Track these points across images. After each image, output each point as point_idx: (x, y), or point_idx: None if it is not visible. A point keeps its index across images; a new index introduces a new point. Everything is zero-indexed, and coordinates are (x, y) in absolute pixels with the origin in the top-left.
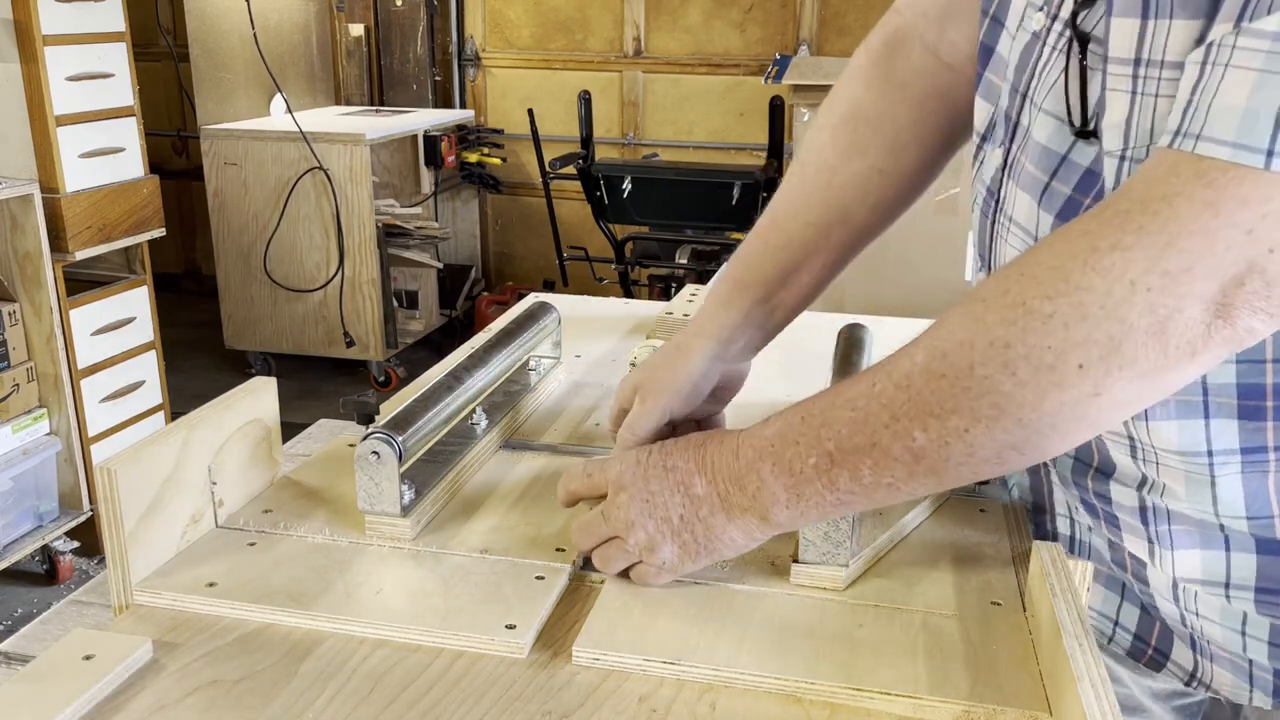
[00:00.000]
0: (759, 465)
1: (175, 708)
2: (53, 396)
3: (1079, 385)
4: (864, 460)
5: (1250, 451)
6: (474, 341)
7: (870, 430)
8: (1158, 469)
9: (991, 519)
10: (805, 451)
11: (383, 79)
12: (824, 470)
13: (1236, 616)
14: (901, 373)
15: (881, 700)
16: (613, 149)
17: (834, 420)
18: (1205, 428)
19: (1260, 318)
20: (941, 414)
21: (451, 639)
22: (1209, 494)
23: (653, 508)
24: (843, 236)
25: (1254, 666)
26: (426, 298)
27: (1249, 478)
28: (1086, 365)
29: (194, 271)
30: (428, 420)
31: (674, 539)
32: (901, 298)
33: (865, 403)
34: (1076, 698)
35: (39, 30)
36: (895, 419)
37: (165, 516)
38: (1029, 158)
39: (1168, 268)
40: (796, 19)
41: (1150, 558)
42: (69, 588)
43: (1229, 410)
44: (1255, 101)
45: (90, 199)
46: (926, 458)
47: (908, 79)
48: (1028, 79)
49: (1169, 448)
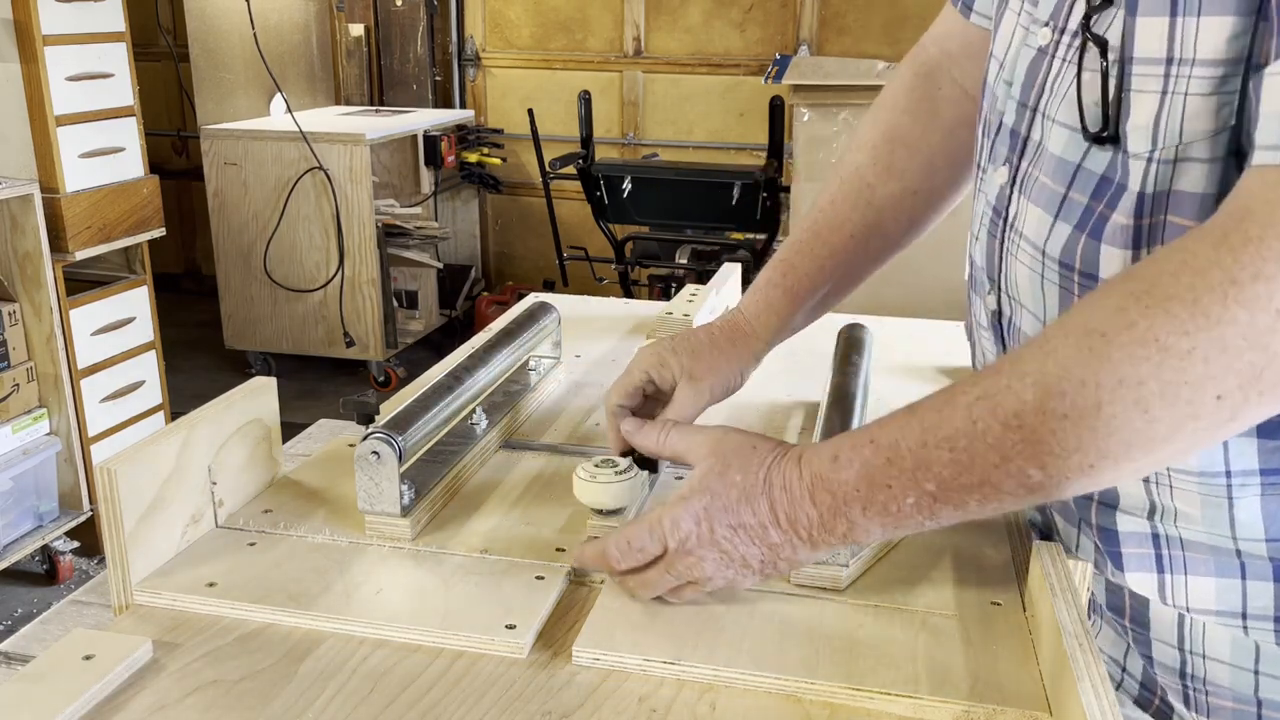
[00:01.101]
0: (846, 511)
1: (175, 708)
2: (53, 396)
3: (1215, 415)
4: (971, 496)
5: (1270, 473)
6: (474, 341)
7: (978, 471)
8: (1172, 493)
9: (991, 519)
10: (900, 494)
11: (383, 79)
12: (925, 507)
13: (1249, 653)
14: (1009, 410)
15: (881, 700)
16: (613, 149)
17: (931, 462)
18: (1224, 448)
19: None
20: (1063, 454)
21: (451, 639)
22: (1226, 517)
23: (729, 560)
24: (878, 248)
25: (1263, 708)
26: (426, 298)
27: (1268, 500)
28: (1224, 395)
29: (194, 271)
30: (428, 420)
31: (755, 575)
32: (901, 298)
33: (968, 443)
34: (1076, 698)
35: (39, 30)
36: (1007, 459)
37: (165, 516)
38: (1043, 171)
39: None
40: (796, 19)
41: (1159, 591)
42: (69, 588)
43: (1249, 430)
44: None
45: (90, 199)
46: (1042, 490)
47: (940, 108)
48: (1037, 94)
49: (1187, 470)
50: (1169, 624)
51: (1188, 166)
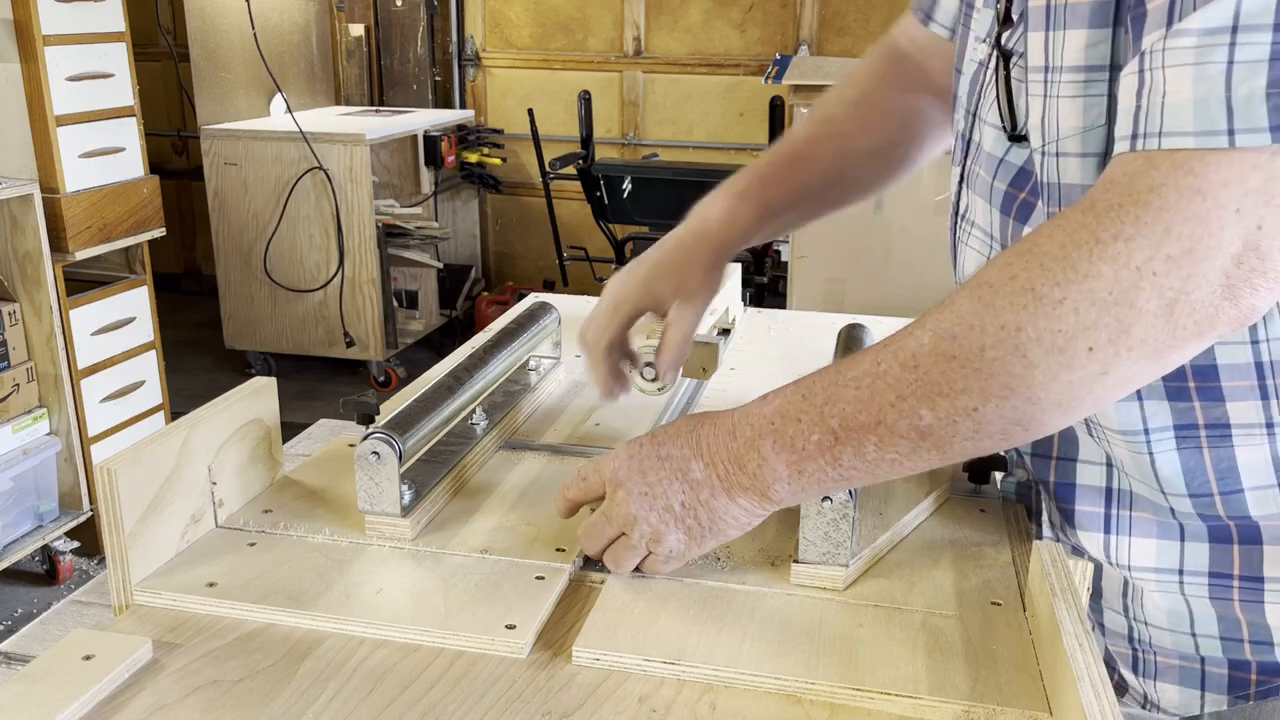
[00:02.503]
0: (759, 443)
1: (175, 708)
2: (53, 396)
3: (1088, 366)
4: (869, 437)
5: (1183, 429)
6: (474, 341)
7: (876, 408)
8: (1110, 447)
9: (991, 519)
10: (808, 429)
11: (383, 79)
12: (827, 447)
13: (1183, 617)
14: (908, 353)
15: (881, 700)
16: (613, 149)
17: (838, 398)
18: (1140, 408)
19: (1261, 294)
20: (951, 394)
21: (451, 639)
22: (1151, 471)
23: (653, 499)
24: (841, 193)
25: (1206, 665)
26: (426, 298)
27: (1185, 454)
28: (1096, 348)
29: (194, 271)
30: (428, 420)
31: (678, 526)
32: (901, 298)
33: (870, 381)
34: (1076, 698)
35: (39, 30)
36: (901, 398)
37: (165, 516)
38: (981, 167)
39: (1170, 252)
40: (796, 19)
41: (1104, 550)
42: (69, 588)
43: (1158, 392)
44: (1200, 91)
45: (90, 199)
46: (933, 435)
47: (907, 86)
48: (976, 101)
49: (1111, 427)
50: (1116, 591)
51: (1067, 161)
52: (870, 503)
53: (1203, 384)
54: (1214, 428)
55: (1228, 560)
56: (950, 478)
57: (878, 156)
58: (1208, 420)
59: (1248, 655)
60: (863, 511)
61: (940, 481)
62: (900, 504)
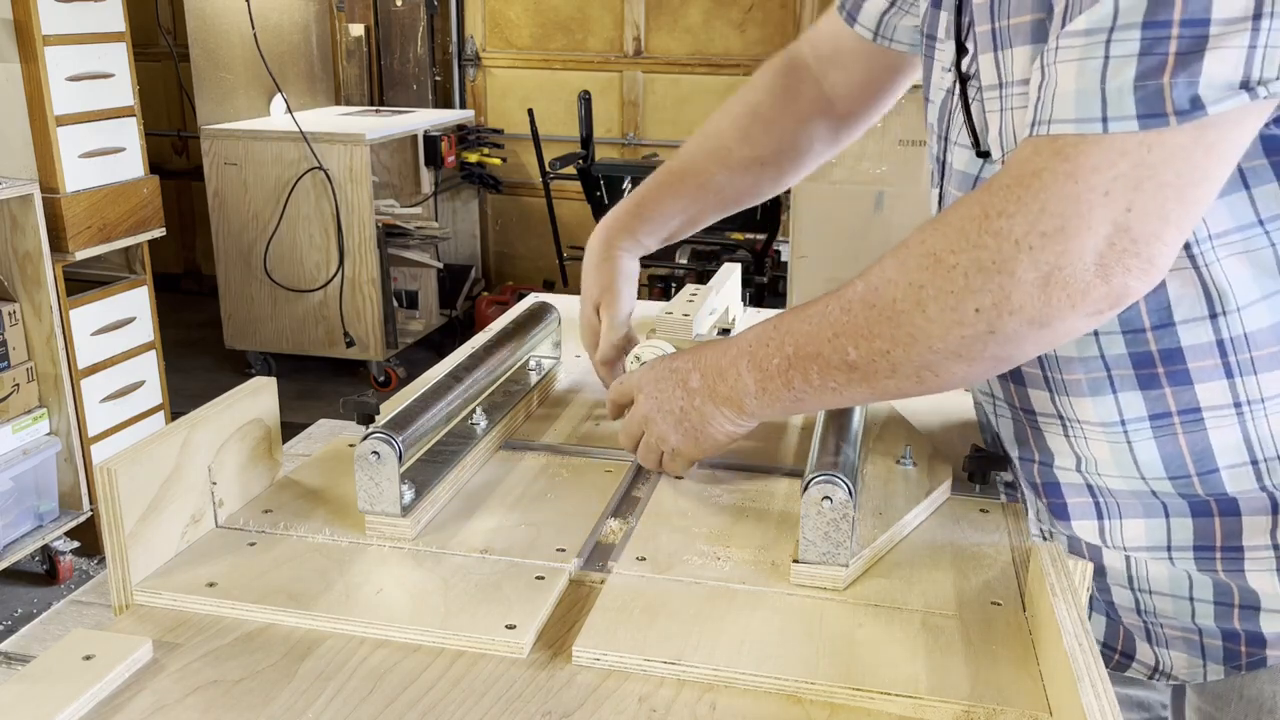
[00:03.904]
0: (739, 361)
1: (175, 708)
2: (53, 396)
3: (976, 324)
4: (812, 366)
5: (1157, 417)
6: (474, 341)
7: (817, 343)
8: (1087, 444)
9: (991, 519)
10: (772, 353)
11: (383, 79)
12: (783, 370)
13: (1183, 582)
14: (845, 299)
15: (881, 700)
16: (613, 149)
17: (794, 330)
18: (1115, 400)
19: (1134, 276)
20: (869, 336)
21: (451, 639)
22: (1130, 460)
23: (660, 404)
24: (722, 200)
25: (1204, 636)
26: (426, 298)
27: (1161, 441)
28: (981, 309)
29: (194, 271)
30: (428, 420)
31: (677, 427)
32: None
33: (818, 320)
34: (1076, 698)
35: (39, 30)
36: (836, 336)
37: (165, 516)
38: (955, 186)
39: (1044, 229)
40: (796, 19)
41: (1100, 535)
42: (69, 588)
43: (1130, 382)
44: (1081, 83)
45: (90, 199)
46: (858, 369)
47: (798, 99)
48: (945, 125)
49: (1090, 420)
50: (1120, 569)
51: None
52: (870, 503)
53: (1170, 368)
54: (1186, 413)
55: (1210, 533)
56: (950, 478)
57: (759, 166)
58: (1180, 406)
59: (1236, 624)
60: (863, 511)
61: (940, 481)
62: (900, 504)
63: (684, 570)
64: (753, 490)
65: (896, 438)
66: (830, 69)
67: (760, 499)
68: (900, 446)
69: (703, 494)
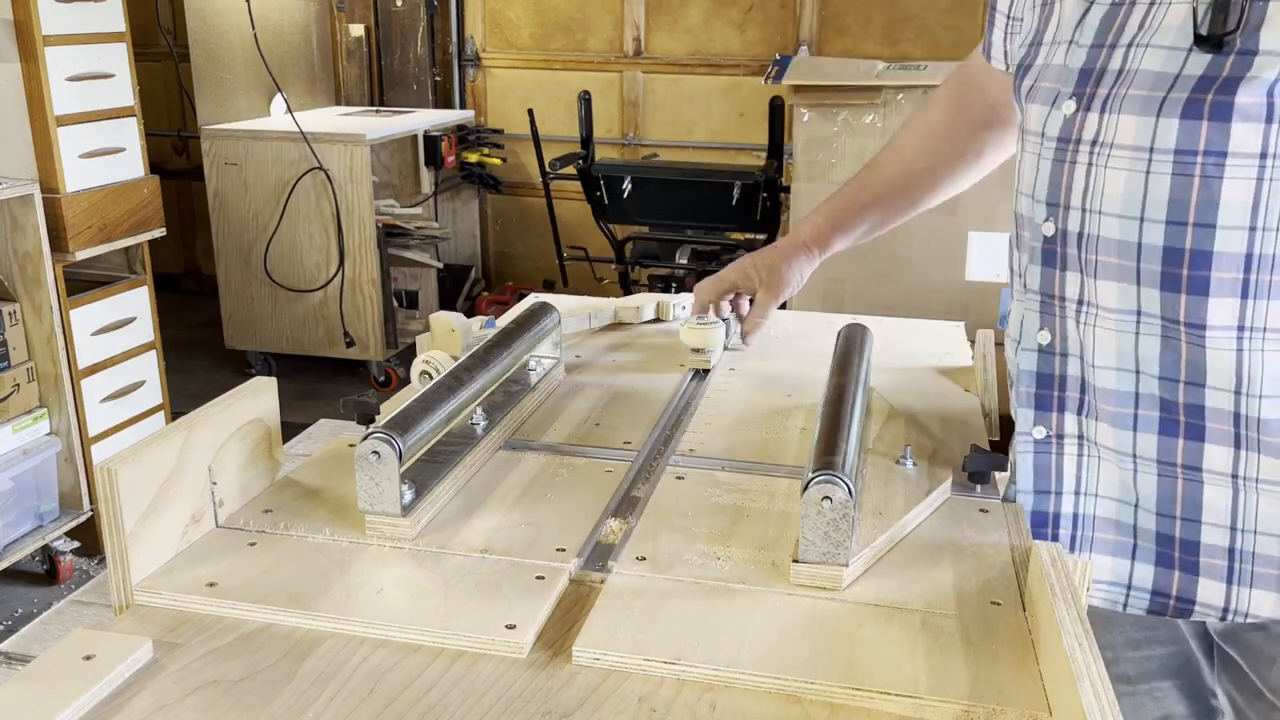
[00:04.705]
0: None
1: (175, 708)
2: (53, 396)
3: None
4: None
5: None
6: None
7: None
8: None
9: (991, 519)
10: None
11: (383, 79)
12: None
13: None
14: None
15: (881, 700)
16: (613, 149)
17: None
18: None
19: None
20: None
21: (451, 639)
22: (1237, 373)
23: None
24: (901, 208)
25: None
26: (426, 298)
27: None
28: None
29: (194, 271)
30: (428, 420)
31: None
32: (901, 298)
33: None
34: (1076, 698)
35: (39, 30)
36: None
37: (165, 516)
38: (1135, 87)
39: None
40: (796, 19)
41: (1235, 465)
42: (69, 588)
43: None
44: None
45: (90, 199)
46: None
47: (968, 110)
48: (1116, 33)
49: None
50: (1224, 506)
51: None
52: (870, 503)
53: None
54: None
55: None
56: (950, 478)
57: (934, 174)
58: None
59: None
60: (863, 511)
61: (940, 481)
62: (900, 504)
63: (684, 570)
64: (753, 490)
65: (896, 438)
66: (990, 80)
67: (760, 499)
68: (900, 446)
69: (703, 494)
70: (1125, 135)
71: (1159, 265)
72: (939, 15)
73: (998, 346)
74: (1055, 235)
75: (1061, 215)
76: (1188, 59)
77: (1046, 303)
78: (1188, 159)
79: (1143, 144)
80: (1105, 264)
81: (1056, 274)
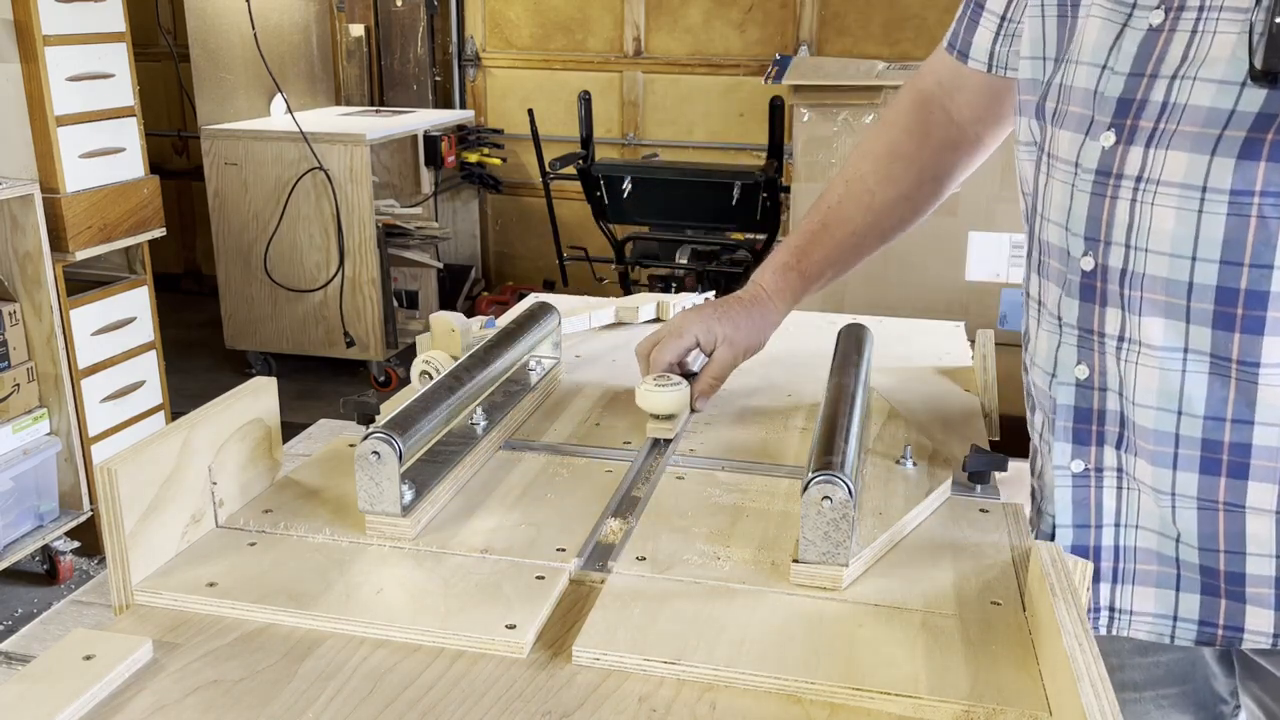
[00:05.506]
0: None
1: (175, 708)
2: (53, 396)
3: None
4: None
5: None
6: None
7: None
8: None
9: (991, 519)
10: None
11: (383, 79)
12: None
13: None
14: None
15: (881, 700)
16: (613, 149)
17: None
18: None
19: None
20: None
21: (451, 639)
22: None
23: None
24: (872, 243)
25: None
26: (426, 298)
27: None
28: None
29: (194, 271)
30: (428, 420)
31: None
32: (901, 298)
33: None
34: (1076, 698)
35: (39, 30)
36: None
37: (165, 516)
38: (1185, 123)
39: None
40: (796, 19)
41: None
42: (69, 588)
43: None
44: None
45: (90, 199)
46: None
47: (931, 131)
48: (1156, 63)
49: None
50: (1266, 538)
51: None
52: (870, 503)
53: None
54: None
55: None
56: (950, 478)
57: (904, 201)
58: None
59: None
60: (863, 511)
61: (940, 481)
62: (900, 504)
63: (684, 570)
64: (753, 490)
65: (896, 438)
66: (956, 95)
67: (760, 499)
68: (900, 446)
69: (703, 494)
70: (1174, 172)
71: (1211, 304)
72: (939, 15)
73: (998, 346)
74: (1095, 270)
75: (1102, 250)
76: (1241, 94)
77: (1085, 337)
78: (1244, 199)
79: (1194, 182)
80: (1151, 301)
81: (1096, 309)
